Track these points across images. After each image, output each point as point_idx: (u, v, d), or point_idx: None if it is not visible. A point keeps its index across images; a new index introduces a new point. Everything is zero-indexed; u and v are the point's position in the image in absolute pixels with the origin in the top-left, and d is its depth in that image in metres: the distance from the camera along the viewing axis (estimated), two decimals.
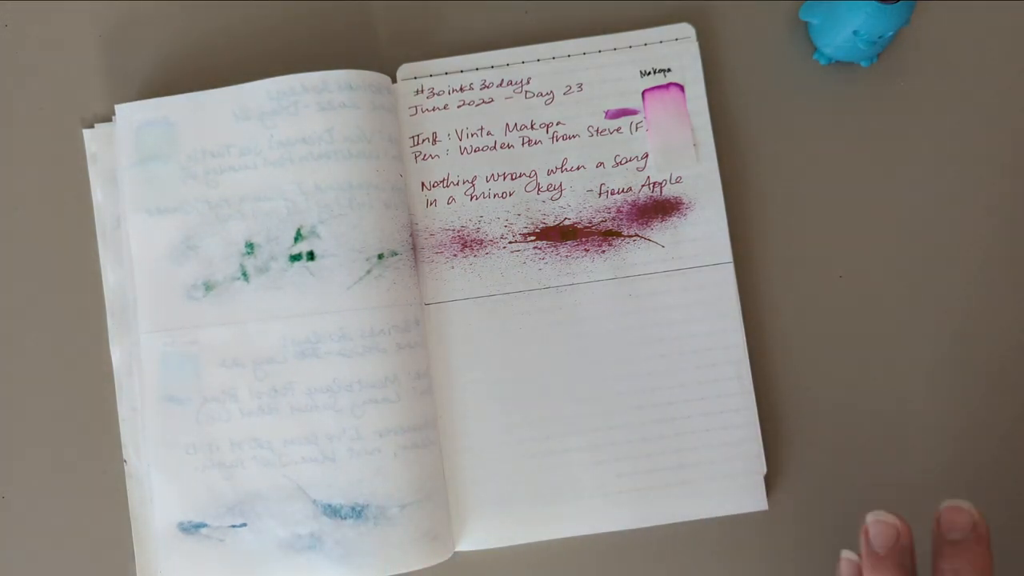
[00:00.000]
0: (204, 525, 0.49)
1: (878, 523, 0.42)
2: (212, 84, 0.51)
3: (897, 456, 0.52)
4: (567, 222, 0.52)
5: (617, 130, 0.52)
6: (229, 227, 0.50)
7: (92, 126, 0.53)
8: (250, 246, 0.50)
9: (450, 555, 0.50)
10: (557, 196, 0.52)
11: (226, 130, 0.51)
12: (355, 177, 0.50)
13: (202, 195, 0.51)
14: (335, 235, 0.50)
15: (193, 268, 0.50)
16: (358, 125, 0.50)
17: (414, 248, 0.52)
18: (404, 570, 0.49)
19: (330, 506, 0.49)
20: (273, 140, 0.50)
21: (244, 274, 0.50)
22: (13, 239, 0.53)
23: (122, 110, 0.51)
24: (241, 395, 0.50)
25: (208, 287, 0.50)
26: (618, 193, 0.52)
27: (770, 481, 0.51)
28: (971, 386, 0.52)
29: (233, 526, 0.49)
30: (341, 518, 0.49)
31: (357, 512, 0.49)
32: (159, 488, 0.50)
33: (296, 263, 0.50)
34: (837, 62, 0.53)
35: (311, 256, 0.50)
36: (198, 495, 0.49)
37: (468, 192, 0.52)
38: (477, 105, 0.53)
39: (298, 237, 0.50)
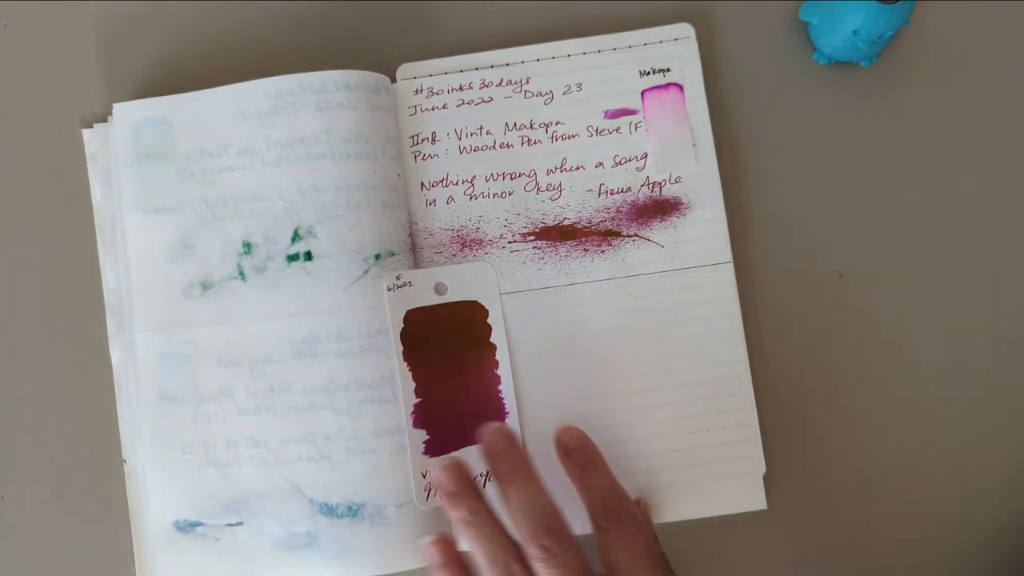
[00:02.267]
0: (200, 524, 0.49)
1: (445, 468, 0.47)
2: (213, 84, 0.51)
3: (896, 456, 0.52)
4: (566, 222, 0.52)
5: (616, 130, 0.52)
6: (226, 227, 0.50)
7: (92, 126, 0.53)
8: (247, 246, 0.50)
9: None
10: (556, 196, 0.52)
11: (224, 130, 0.51)
12: (353, 178, 0.50)
13: (199, 195, 0.51)
14: (332, 236, 0.50)
15: (190, 267, 0.50)
16: (356, 126, 0.50)
17: (413, 248, 0.52)
18: (400, 569, 0.49)
19: (327, 505, 0.49)
20: (271, 140, 0.50)
21: (241, 274, 0.50)
22: (13, 239, 0.53)
23: (120, 109, 0.51)
24: (238, 394, 0.50)
25: (205, 287, 0.50)
26: (617, 193, 0.52)
27: (769, 481, 0.51)
28: (971, 385, 0.52)
29: (229, 525, 0.49)
30: (337, 517, 0.49)
31: (353, 511, 0.49)
32: (154, 487, 0.50)
33: (293, 263, 0.50)
34: (837, 62, 0.53)
35: (308, 256, 0.50)
36: (194, 494, 0.49)
37: (467, 192, 0.52)
38: (476, 105, 0.53)
39: (295, 237, 0.50)
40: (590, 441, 0.48)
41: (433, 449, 0.49)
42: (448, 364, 0.50)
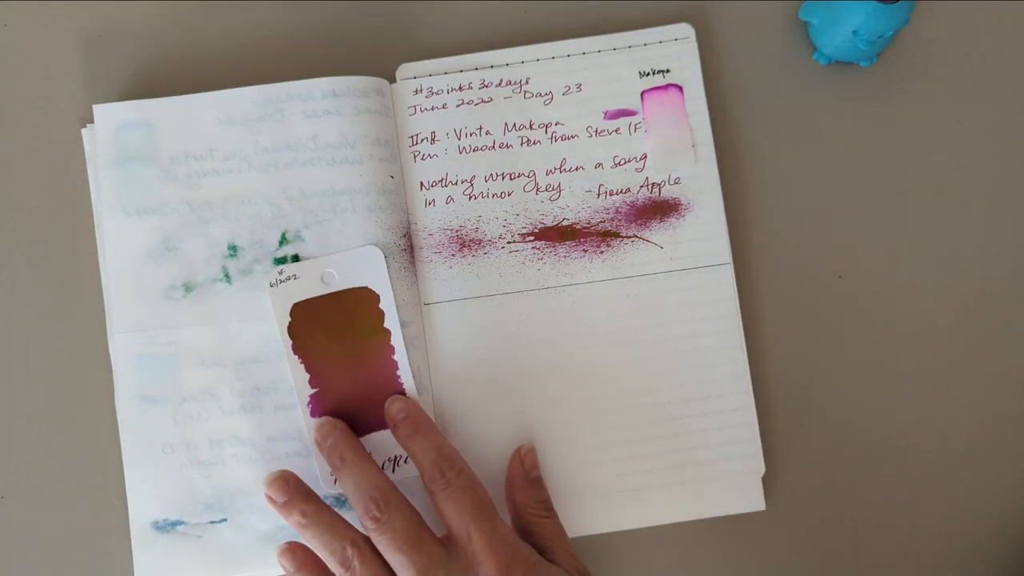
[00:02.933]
0: (181, 523, 0.50)
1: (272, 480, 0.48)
2: (212, 86, 0.51)
3: (896, 456, 0.52)
4: (566, 222, 0.52)
5: (616, 131, 0.52)
6: (211, 229, 0.51)
7: (86, 125, 0.53)
8: (233, 248, 0.50)
9: None
10: (556, 196, 0.52)
11: (210, 134, 0.51)
12: (338, 183, 0.50)
13: (183, 197, 0.51)
14: (319, 240, 0.50)
15: (172, 269, 0.51)
16: (341, 131, 0.50)
17: (410, 248, 0.52)
18: None
19: None
20: (259, 146, 0.51)
21: (226, 276, 0.50)
22: (14, 237, 0.53)
23: (101, 111, 0.51)
24: (222, 394, 0.50)
25: (188, 288, 0.50)
26: (617, 194, 0.52)
27: (768, 481, 0.51)
28: (971, 385, 0.52)
29: (212, 522, 0.50)
30: None
31: (341, 502, 0.49)
32: (133, 487, 0.50)
33: (280, 266, 0.50)
34: (837, 62, 0.53)
35: (296, 260, 0.50)
36: (174, 494, 0.50)
37: (467, 192, 0.52)
38: (476, 105, 0.53)
39: (283, 241, 0.50)
40: (416, 408, 0.49)
41: None
42: (342, 353, 0.50)
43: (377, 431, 0.50)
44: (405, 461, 0.50)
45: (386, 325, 0.50)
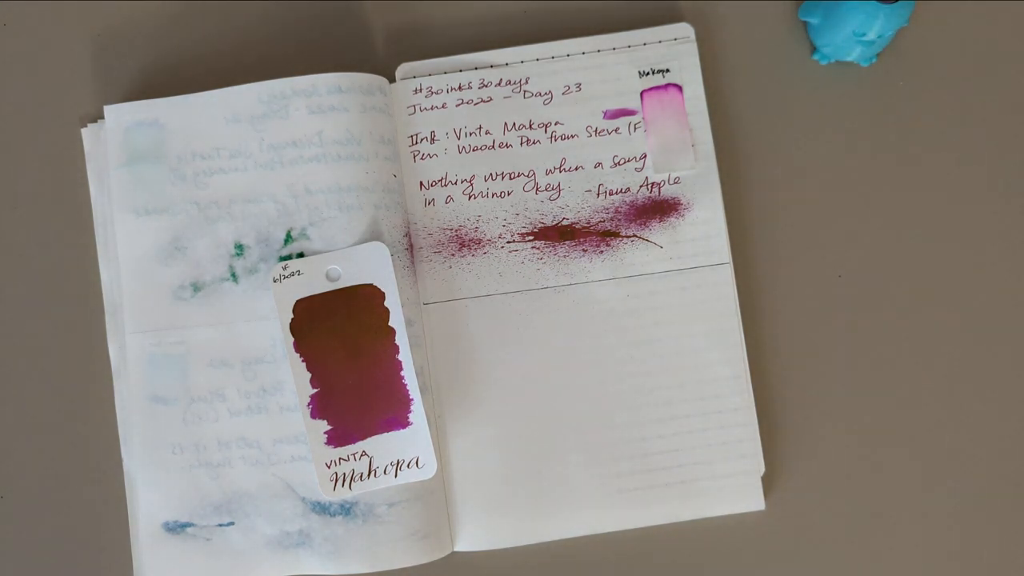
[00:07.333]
0: (190, 525, 0.50)
1: None
2: (212, 86, 0.51)
3: (895, 456, 0.52)
4: (565, 222, 0.52)
5: (615, 130, 0.52)
6: (218, 228, 0.51)
7: (87, 125, 0.53)
8: (239, 247, 0.50)
9: (446, 554, 0.50)
10: (555, 196, 0.52)
11: (216, 133, 0.51)
12: (344, 180, 0.50)
13: (191, 196, 0.51)
14: (325, 238, 0.50)
15: (181, 269, 0.51)
16: (347, 128, 0.50)
17: (410, 248, 0.52)
18: (393, 567, 0.49)
19: (319, 503, 0.49)
20: (264, 143, 0.51)
21: (233, 275, 0.50)
22: (13, 235, 0.53)
23: (111, 111, 0.51)
24: (229, 395, 0.50)
25: (196, 288, 0.50)
26: (616, 193, 0.52)
27: (768, 481, 0.51)
28: (970, 385, 0.52)
29: (220, 525, 0.50)
30: (330, 515, 0.49)
31: (346, 509, 0.49)
32: (144, 488, 0.50)
33: (284, 262, 0.50)
34: (837, 62, 0.53)
35: (301, 258, 0.50)
36: (184, 495, 0.50)
37: (466, 191, 0.52)
38: (476, 104, 0.53)
39: (288, 239, 0.50)
40: None
41: (337, 439, 0.49)
42: (345, 352, 0.49)
43: (380, 433, 0.49)
44: (408, 465, 0.49)
45: (391, 323, 0.49)
